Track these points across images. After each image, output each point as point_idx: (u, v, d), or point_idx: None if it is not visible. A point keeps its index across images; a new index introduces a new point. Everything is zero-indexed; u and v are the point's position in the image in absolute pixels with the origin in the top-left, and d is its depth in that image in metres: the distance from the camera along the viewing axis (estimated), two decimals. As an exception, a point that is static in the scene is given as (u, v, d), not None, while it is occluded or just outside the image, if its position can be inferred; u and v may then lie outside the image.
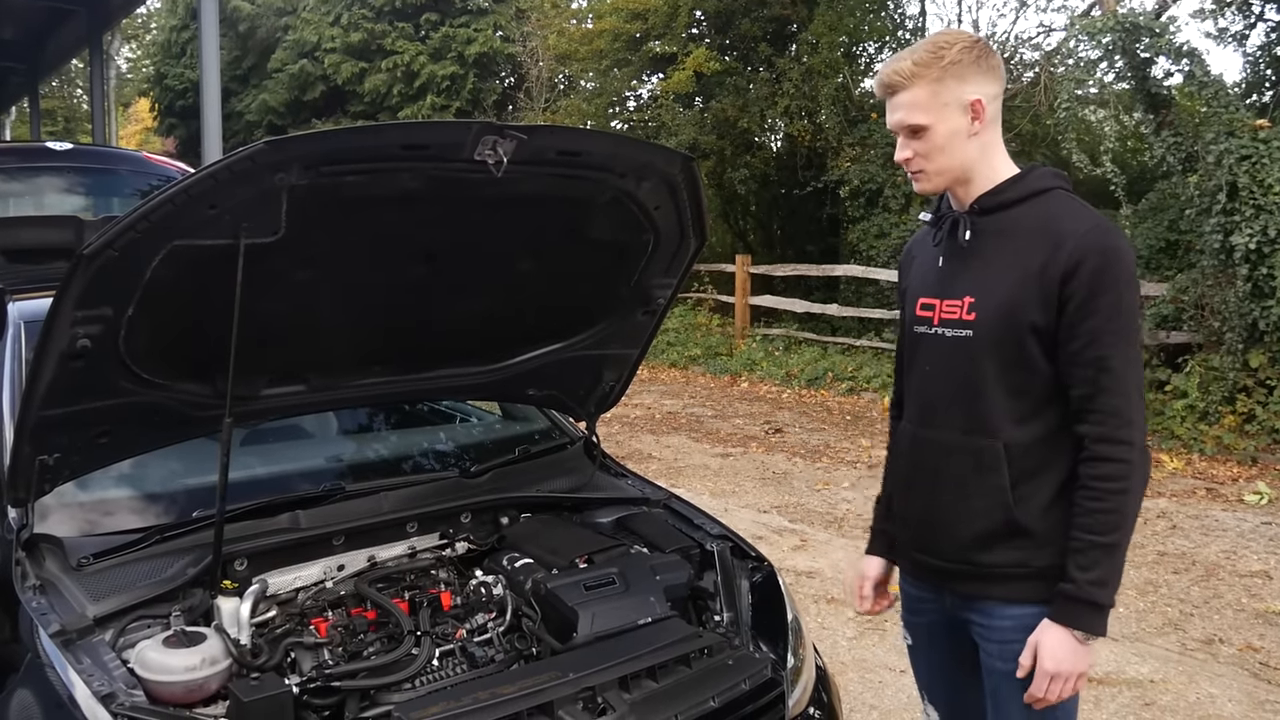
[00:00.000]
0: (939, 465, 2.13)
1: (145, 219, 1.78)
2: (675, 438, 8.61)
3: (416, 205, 2.08)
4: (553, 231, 2.38)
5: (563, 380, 2.88)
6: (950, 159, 2.03)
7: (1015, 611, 2.08)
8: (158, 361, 2.09)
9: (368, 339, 2.40)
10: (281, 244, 1.95)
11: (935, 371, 2.15)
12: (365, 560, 2.48)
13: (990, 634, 2.14)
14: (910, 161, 2.06)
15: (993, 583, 2.09)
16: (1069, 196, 2.05)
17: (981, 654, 2.18)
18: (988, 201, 2.06)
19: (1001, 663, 2.11)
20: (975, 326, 2.04)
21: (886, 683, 3.98)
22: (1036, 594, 2.05)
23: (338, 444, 3.11)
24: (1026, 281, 1.97)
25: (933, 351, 2.14)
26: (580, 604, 2.23)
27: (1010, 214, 2.04)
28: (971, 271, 2.07)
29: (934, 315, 2.13)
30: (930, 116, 2.00)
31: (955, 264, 2.11)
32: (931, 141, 2.01)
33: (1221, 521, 6.10)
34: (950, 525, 2.12)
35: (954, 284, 2.10)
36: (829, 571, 5.23)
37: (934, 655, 2.38)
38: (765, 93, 14.37)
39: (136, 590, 2.11)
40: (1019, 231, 2.02)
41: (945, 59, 1.99)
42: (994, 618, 2.12)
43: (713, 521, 2.81)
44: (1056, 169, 2.16)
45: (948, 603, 2.21)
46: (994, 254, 2.04)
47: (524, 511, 2.76)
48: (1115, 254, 1.94)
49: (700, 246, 2.56)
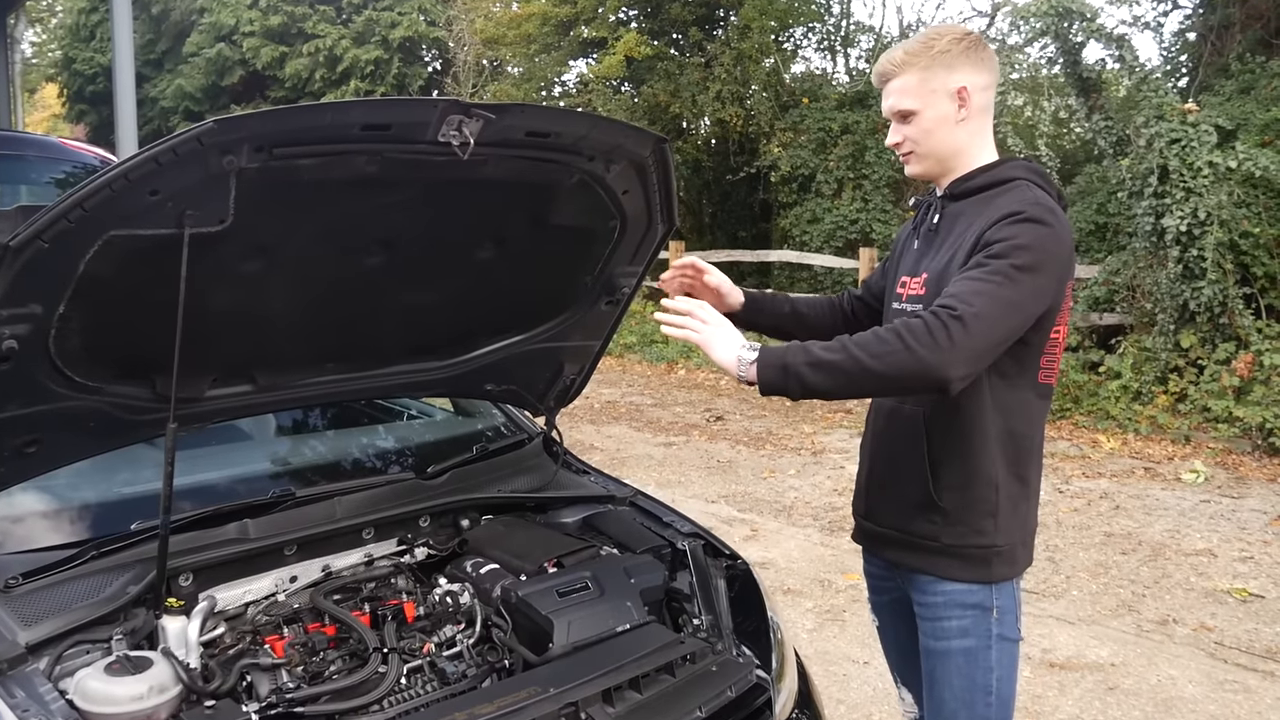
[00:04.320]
0: (880, 429, 2.22)
1: (79, 207, 1.60)
2: (616, 427, 8.51)
3: (374, 190, 1.93)
4: (515, 218, 2.24)
5: (522, 374, 2.75)
6: (937, 143, 2.10)
7: (946, 587, 2.10)
8: (93, 363, 1.91)
9: (320, 334, 2.24)
10: (229, 233, 1.79)
11: None
12: (320, 570, 2.32)
13: (924, 611, 2.17)
14: (900, 145, 2.14)
15: (918, 553, 2.13)
16: (1028, 187, 2.04)
17: (919, 632, 2.17)
18: (956, 188, 2.12)
19: (933, 640, 2.14)
20: (924, 300, 2.07)
21: (851, 675, 3.93)
22: (957, 571, 2.08)
23: (286, 446, 2.93)
24: (956, 256, 2.01)
25: None
26: (554, 612, 2.11)
27: (972, 200, 2.08)
28: (932, 251, 2.14)
29: (905, 292, 2.19)
30: (919, 102, 2.07)
31: (924, 245, 2.19)
32: (919, 126, 2.09)
33: (1162, 501, 6.18)
34: (885, 489, 2.20)
35: (920, 263, 2.17)
36: (782, 561, 5.17)
37: (900, 635, 2.37)
38: (696, 78, 14.32)
39: (73, 612, 1.93)
40: (969, 217, 2.05)
41: (935, 48, 2.06)
42: (926, 593, 2.14)
43: (682, 518, 2.71)
44: (1031, 163, 2.17)
45: (900, 578, 2.23)
46: (949, 236, 2.09)
47: (485, 513, 2.63)
48: (1035, 219, 1.92)
49: (668, 232, 2.45)
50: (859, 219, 12.69)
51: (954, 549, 2.05)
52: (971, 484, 2.04)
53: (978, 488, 2.04)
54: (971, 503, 2.03)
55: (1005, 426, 2.03)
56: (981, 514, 2.03)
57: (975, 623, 2.07)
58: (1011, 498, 2.05)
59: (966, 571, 2.06)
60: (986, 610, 2.06)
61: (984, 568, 2.06)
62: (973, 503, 2.03)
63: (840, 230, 12.79)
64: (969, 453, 2.03)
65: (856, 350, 1.83)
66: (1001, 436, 2.03)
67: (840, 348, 1.84)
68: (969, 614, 2.07)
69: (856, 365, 1.82)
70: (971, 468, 2.03)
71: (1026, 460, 2.09)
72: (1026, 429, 2.07)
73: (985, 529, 2.04)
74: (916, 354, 1.79)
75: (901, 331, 1.82)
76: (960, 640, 2.08)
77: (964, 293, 1.85)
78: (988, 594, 2.07)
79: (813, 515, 5.98)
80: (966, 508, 2.03)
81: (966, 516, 2.02)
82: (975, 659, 2.07)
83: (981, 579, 2.06)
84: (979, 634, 2.07)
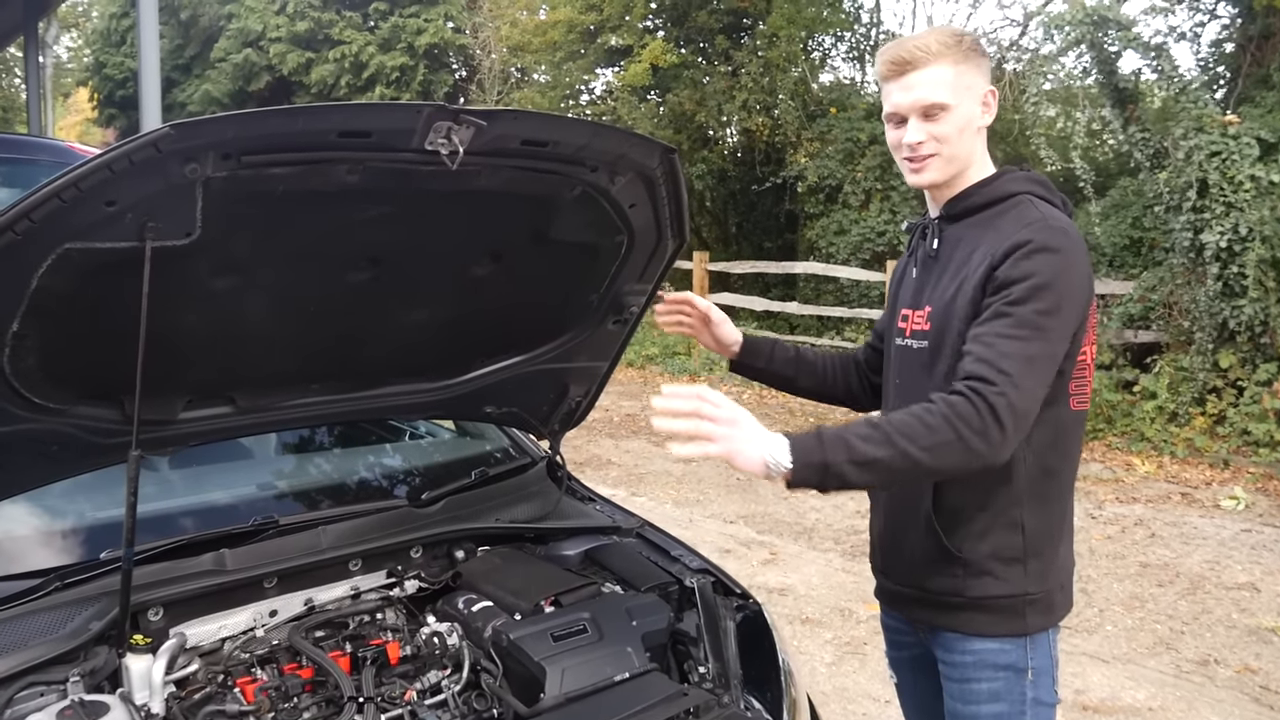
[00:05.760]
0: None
1: (25, 218, 1.46)
2: (635, 442, 8.34)
3: (357, 202, 1.79)
4: (514, 232, 2.09)
5: (524, 396, 2.59)
6: (960, 147, 1.89)
7: (974, 645, 1.91)
8: (53, 383, 1.77)
9: (304, 354, 2.10)
10: (197, 247, 1.65)
11: (903, 383, 2.02)
12: (302, 604, 2.18)
13: (950, 671, 1.98)
14: (921, 145, 1.87)
15: (940, 611, 1.94)
16: (1034, 203, 1.86)
17: (944, 694, 1.99)
18: (953, 207, 1.93)
19: (960, 704, 1.95)
20: (930, 336, 1.91)
21: (871, 715, 3.74)
22: (986, 626, 1.89)
23: (268, 468, 2.79)
24: (964, 289, 1.82)
25: (902, 363, 2.02)
26: (547, 658, 1.96)
27: (972, 221, 1.90)
28: (933, 280, 1.94)
29: (907, 326, 2.00)
30: (954, 96, 1.84)
31: (924, 273, 1.99)
32: (949, 124, 1.85)
33: (1200, 529, 5.95)
34: (899, 546, 2.01)
35: (921, 294, 1.98)
36: (802, 588, 5.00)
37: (921, 694, 2.19)
38: (722, 86, 14.16)
39: (29, 650, 1.79)
40: (971, 241, 1.87)
41: (965, 44, 1.86)
42: (952, 651, 1.95)
43: (691, 553, 2.55)
44: (1031, 173, 1.98)
45: (922, 635, 2.05)
46: (950, 262, 1.90)
47: (482, 544, 2.48)
48: (1047, 249, 1.75)
49: (679, 248, 2.30)
50: (886, 231, 12.48)
51: (980, 602, 1.87)
52: (993, 529, 1.87)
53: (1001, 533, 1.87)
54: (996, 550, 1.86)
55: (1037, 464, 1.86)
56: (1008, 561, 1.85)
57: (1008, 686, 1.89)
58: (1041, 538, 1.88)
59: (997, 625, 1.88)
60: (1020, 672, 1.89)
61: (1016, 619, 1.88)
62: (997, 550, 1.86)
63: (867, 242, 12.59)
64: (991, 497, 1.86)
65: (904, 443, 1.64)
66: (1031, 474, 1.86)
67: (884, 439, 1.64)
68: (1000, 676, 1.89)
69: (905, 460, 1.64)
70: (993, 512, 1.86)
71: (1059, 495, 1.93)
72: (1059, 462, 1.91)
73: (1013, 577, 1.86)
74: (970, 445, 1.65)
75: (950, 418, 1.65)
76: (991, 705, 1.90)
77: (995, 358, 1.69)
78: (1021, 653, 1.89)
79: (834, 539, 5.79)
80: (990, 556, 1.86)
81: (991, 565, 1.84)
82: None
83: (1015, 631, 1.88)
84: (1011, 698, 1.89)
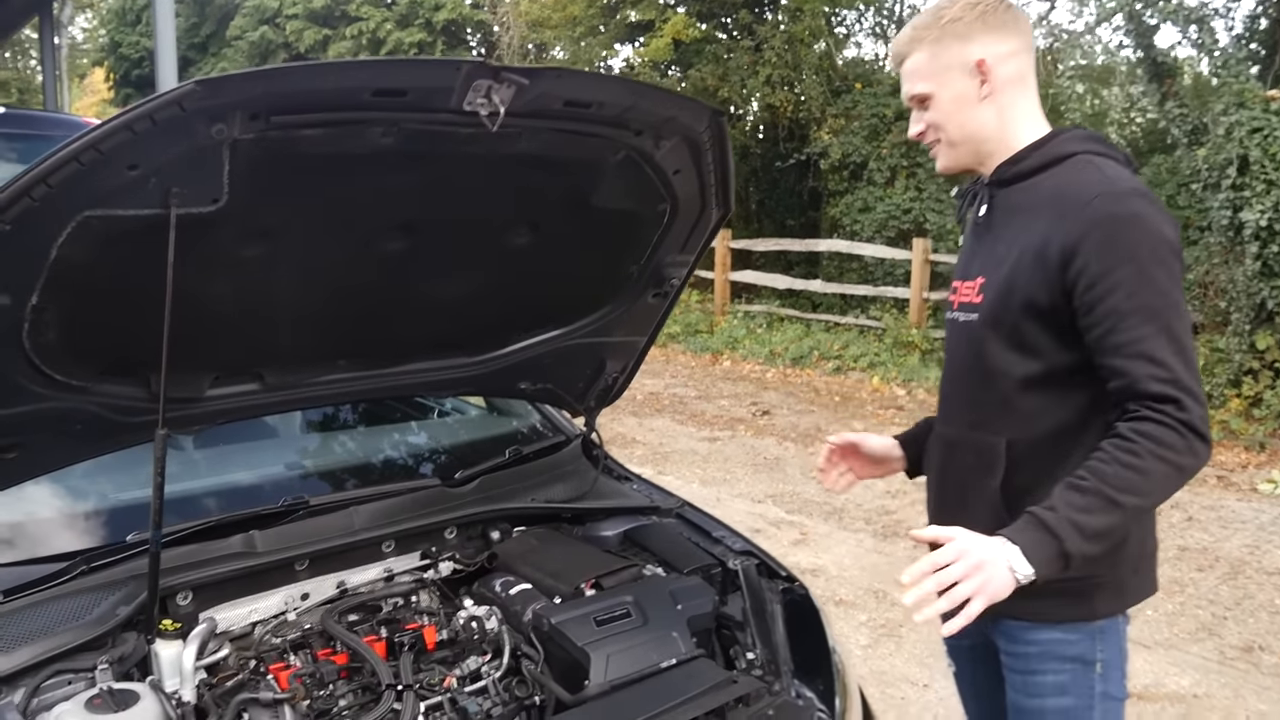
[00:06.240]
0: (945, 463, 1.92)
1: (43, 183, 1.38)
2: (659, 420, 8.26)
3: (391, 167, 1.70)
4: (553, 199, 2.00)
5: (560, 372, 2.51)
6: (961, 129, 1.81)
7: (1039, 636, 1.81)
8: (75, 359, 1.69)
9: (333, 328, 2.01)
10: (224, 214, 1.56)
11: (951, 361, 1.93)
12: (334, 587, 2.11)
13: (1013, 662, 1.87)
14: (924, 135, 1.86)
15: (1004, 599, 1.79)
16: (1092, 161, 1.75)
17: (1006, 685, 1.88)
18: (1004, 172, 1.82)
19: (1024, 696, 1.84)
20: (981, 310, 1.81)
21: (910, 699, 3.66)
22: (1051, 611, 1.78)
23: (295, 448, 2.71)
24: (1025, 259, 1.72)
25: (952, 339, 1.92)
26: (591, 643, 1.88)
27: (1026, 185, 1.79)
28: (985, 249, 1.85)
29: (956, 299, 1.91)
30: (931, 83, 1.81)
31: (975, 242, 1.90)
32: (938, 109, 1.81)
33: (1238, 513, 5.82)
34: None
35: (971, 264, 1.88)
36: (834, 569, 4.91)
37: (981, 685, 2.09)
38: (745, 61, 13.98)
39: (56, 636, 1.72)
40: (1029, 204, 1.76)
41: (944, 18, 1.80)
42: (1017, 642, 1.85)
43: (733, 534, 2.46)
44: (1087, 130, 1.88)
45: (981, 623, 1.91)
46: (1005, 229, 1.80)
47: (517, 525, 2.40)
48: (1129, 221, 1.65)
49: (723, 218, 2.20)
50: (912, 208, 12.32)
51: (1047, 584, 1.74)
52: None
53: None
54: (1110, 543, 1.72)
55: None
56: None
57: (1075, 679, 1.79)
58: None
59: (1063, 609, 1.77)
60: (1088, 664, 1.78)
61: (1084, 603, 1.78)
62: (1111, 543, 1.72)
63: (893, 220, 12.43)
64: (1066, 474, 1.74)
65: (1128, 499, 1.59)
66: None
67: (1108, 504, 1.59)
68: (1067, 668, 1.79)
69: (1136, 514, 1.64)
70: None
71: None
72: None
73: None
74: (1184, 469, 1.60)
75: (1158, 453, 1.58)
76: (1056, 699, 1.80)
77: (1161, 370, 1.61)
78: (1089, 644, 1.79)
79: (865, 519, 5.70)
80: None
81: None
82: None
83: (1081, 617, 1.78)
84: (1079, 692, 1.79)
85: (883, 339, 10.77)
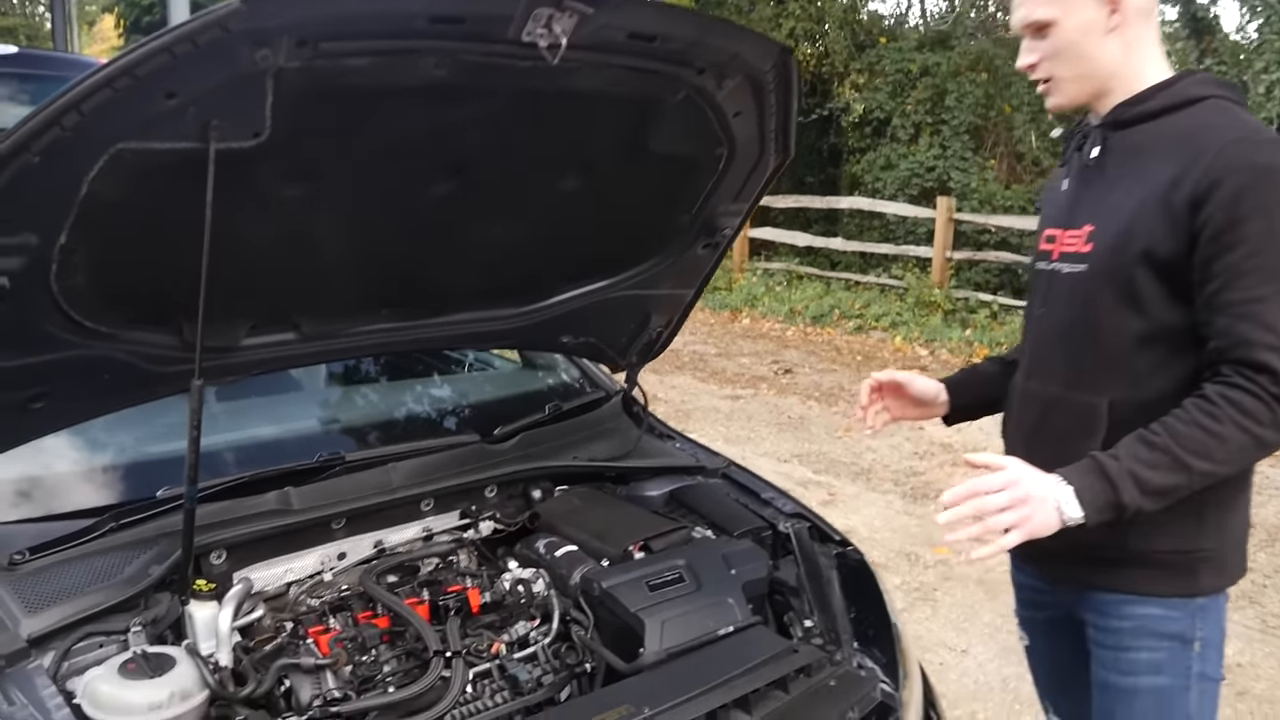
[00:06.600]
0: (1037, 423, 1.79)
1: (74, 110, 1.27)
2: (680, 378, 8.16)
3: (443, 101, 1.59)
4: (608, 142, 1.89)
5: (603, 325, 2.41)
6: (1084, 62, 1.66)
7: (1137, 610, 1.70)
8: (105, 304, 1.59)
9: (374, 275, 1.91)
10: (266, 149, 1.45)
11: (1048, 314, 1.79)
12: (371, 546, 2.03)
13: (1103, 637, 1.76)
14: (1036, 68, 1.70)
15: (1095, 568, 1.71)
16: (1227, 107, 1.62)
17: (1093, 662, 1.78)
18: (1123, 112, 1.68)
19: (1115, 674, 1.73)
20: (1090, 259, 1.67)
21: (948, 665, 3.58)
22: (1151, 584, 1.68)
23: (333, 401, 2.62)
24: (1148, 204, 1.58)
25: (1049, 291, 1.78)
26: (645, 609, 1.79)
27: (1149, 127, 1.65)
28: (1095, 195, 1.70)
29: (1054, 248, 1.77)
30: (1055, 8, 1.64)
31: (1081, 188, 1.75)
32: (1059, 38, 1.66)
33: (1272, 479, 5.68)
34: None
35: (1077, 211, 1.74)
36: (864, 530, 4.82)
37: (1057, 659, 1.99)
38: (768, 14, 13.70)
39: (85, 597, 1.64)
40: (1154, 147, 1.62)
41: None
42: (1108, 615, 1.74)
43: (782, 495, 2.37)
44: (1216, 77, 1.73)
45: (1065, 594, 1.83)
46: (1121, 174, 1.66)
47: (559, 484, 2.31)
48: (1267, 172, 1.52)
49: (782, 165, 2.08)
50: (936, 166, 12.11)
51: (1146, 556, 1.66)
52: None
53: None
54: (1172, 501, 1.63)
55: None
56: (1183, 513, 1.61)
57: (1172, 657, 1.69)
58: (1223, 485, 1.63)
59: (1164, 584, 1.67)
60: (1187, 643, 1.68)
61: (1187, 578, 1.68)
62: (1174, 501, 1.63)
63: (915, 178, 12.22)
64: None
65: (1198, 462, 1.51)
66: None
67: (1175, 464, 1.51)
68: (1164, 646, 1.69)
69: (1203, 479, 1.54)
70: None
71: None
72: None
73: (1186, 529, 1.65)
74: (1265, 442, 1.52)
75: (1239, 421, 1.50)
76: (1151, 678, 1.70)
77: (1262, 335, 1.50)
78: (1189, 621, 1.68)
79: (893, 480, 5.61)
80: (1165, 507, 1.62)
81: (1163, 517, 1.60)
82: (1169, 702, 1.70)
83: (1184, 592, 1.67)
84: (1175, 671, 1.69)
85: (904, 298, 10.63)
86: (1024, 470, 1.53)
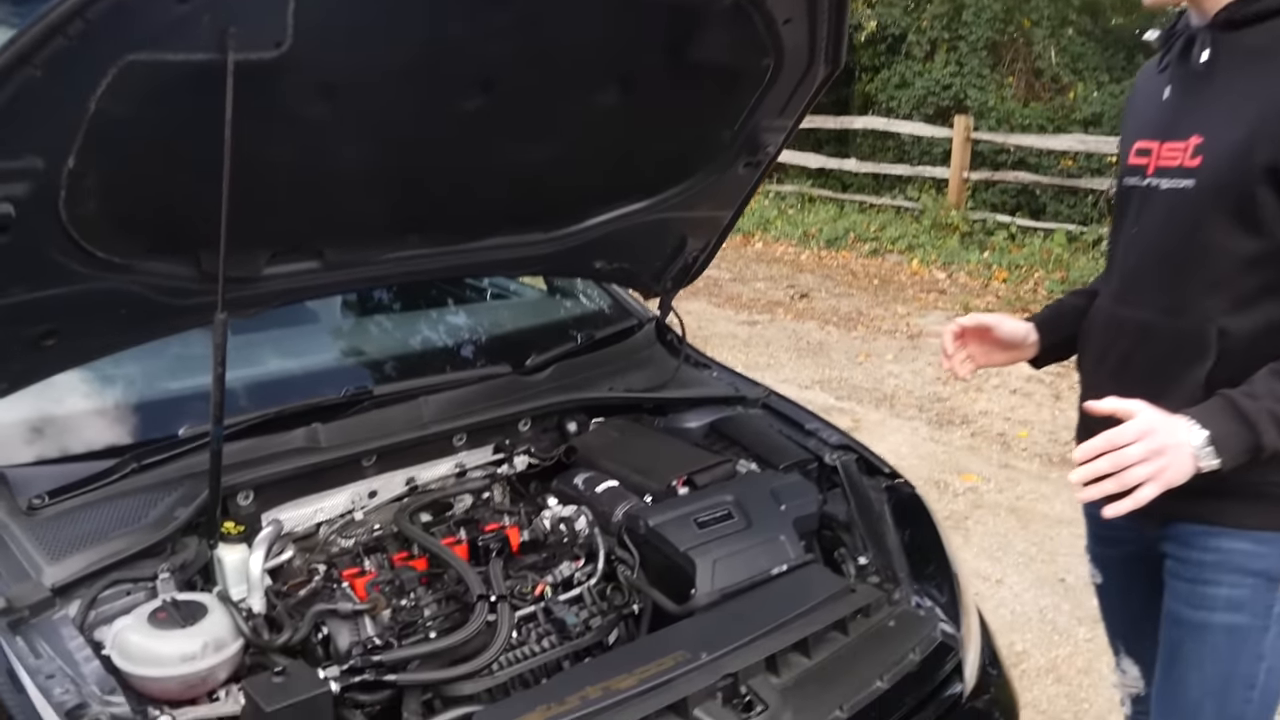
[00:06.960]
0: (1131, 350, 1.66)
1: (79, 16, 1.15)
2: (695, 303, 8.03)
3: (474, 7, 1.46)
4: (648, 52, 1.75)
5: (638, 250, 2.30)
6: None
7: (1222, 544, 1.59)
8: (118, 233, 1.48)
9: (401, 199, 1.79)
10: (287, 61, 1.33)
11: (1143, 234, 1.64)
12: (403, 484, 1.95)
13: (1182, 569, 1.66)
14: None
15: (1182, 497, 1.53)
16: None
17: (1166, 593, 1.69)
18: (1238, 11, 1.51)
19: (1188, 608, 1.64)
20: (1199, 174, 1.52)
21: (984, 595, 3.51)
22: (1242, 516, 1.56)
23: (359, 332, 2.51)
24: (1270, 113, 1.44)
25: (1143, 209, 1.64)
26: (694, 548, 1.71)
27: (1268, 27, 1.49)
28: (1204, 104, 1.54)
29: (1149, 162, 1.62)
30: None
31: (1185, 96, 1.59)
32: None
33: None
34: None
35: (1180, 121, 1.58)
36: (891, 458, 4.67)
37: (1130, 598, 1.90)
38: (778, -73, 13.28)
39: (110, 542, 1.57)
40: (1277, 48, 1.47)
41: None
42: (1191, 547, 1.63)
43: (826, 425, 2.28)
44: None
45: (1146, 528, 1.71)
46: (1237, 80, 1.50)
47: (595, 416, 2.22)
48: None
49: (830, 77, 1.94)
50: (952, 84, 11.80)
51: (1242, 487, 1.53)
52: None
53: None
54: None
55: None
56: None
57: (1254, 595, 1.58)
58: None
59: (1256, 516, 1.56)
60: (1272, 582, 1.58)
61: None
62: None
63: (931, 96, 11.92)
64: None
65: None
66: None
67: None
68: (1247, 582, 1.58)
69: None
70: None
71: None
72: None
73: None
74: None
75: None
76: (1227, 615, 1.60)
77: None
78: (1277, 559, 1.58)
79: (918, 406, 5.52)
80: None
81: None
82: (1242, 641, 1.60)
83: (1277, 526, 1.57)
84: (1255, 610, 1.59)
85: (920, 220, 10.43)
86: (1157, 418, 1.42)
